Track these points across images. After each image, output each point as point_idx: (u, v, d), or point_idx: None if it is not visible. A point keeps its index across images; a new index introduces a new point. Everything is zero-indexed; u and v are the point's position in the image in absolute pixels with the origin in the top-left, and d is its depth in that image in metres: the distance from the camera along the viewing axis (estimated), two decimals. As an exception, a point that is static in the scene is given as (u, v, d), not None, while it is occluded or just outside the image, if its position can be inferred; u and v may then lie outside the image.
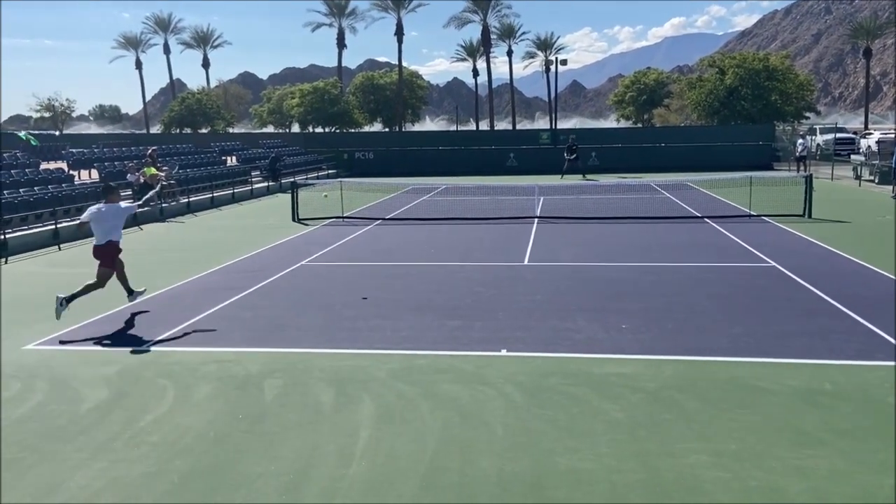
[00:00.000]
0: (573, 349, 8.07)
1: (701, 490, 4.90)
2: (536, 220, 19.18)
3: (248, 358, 8.02)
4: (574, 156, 33.79)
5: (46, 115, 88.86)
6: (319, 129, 64.05)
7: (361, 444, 5.76)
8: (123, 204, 10.27)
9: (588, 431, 5.89)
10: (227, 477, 5.26)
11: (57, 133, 68.97)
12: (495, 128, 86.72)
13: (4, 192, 17.97)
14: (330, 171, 38.21)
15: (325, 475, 5.25)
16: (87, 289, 9.70)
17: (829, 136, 41.50)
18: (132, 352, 8.29)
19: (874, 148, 37.31)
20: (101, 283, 9.79)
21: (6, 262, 14.81)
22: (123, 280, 10.12)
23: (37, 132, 52.01)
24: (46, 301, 11.06)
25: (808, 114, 55.13)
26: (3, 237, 15.63)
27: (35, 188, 19.23)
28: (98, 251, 9.78)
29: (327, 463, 5.44)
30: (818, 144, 41.48)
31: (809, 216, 18.37)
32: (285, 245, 16.16)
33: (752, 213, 19.08)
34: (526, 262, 13.52)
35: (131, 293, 10.21)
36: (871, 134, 45.09)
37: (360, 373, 7.45)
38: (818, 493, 4.84)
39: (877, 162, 29.04)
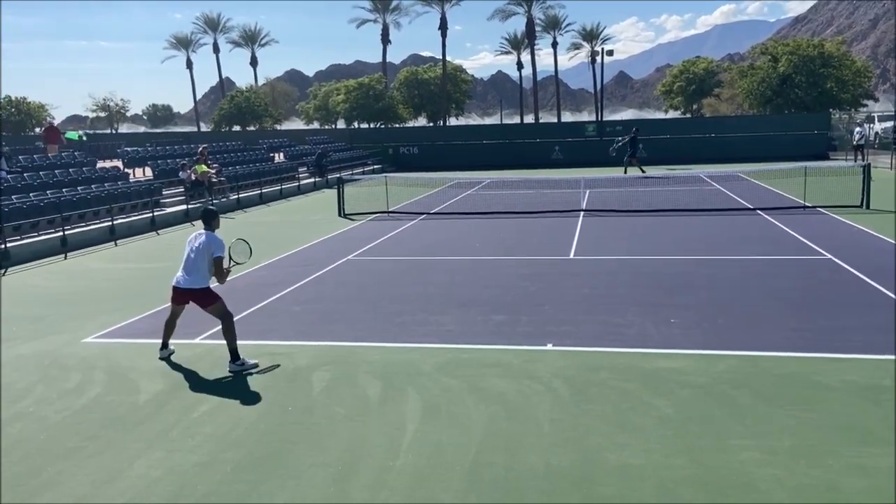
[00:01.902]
0: (622, 343, 7.97)
1: (753, 487, 4.79)
2: (582, 213, 18.98)
3: (297, 351, 8.15)
4: (629, 147, 29.70)
5: (102, 114, 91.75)
6: (365, 125, 64.55)
7: (408, 437, 5.80)
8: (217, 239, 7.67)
9: (637, 427, 5.81)
10: (277, 468, 5.35)
11: (112, 131, 71.10)
12: (540, 120, 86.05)
13: (63, 189, 18.64)
14: (375, 167, 38.50)
15: (373, 467, 5.30)
16: (230, 334, 7.53)
17: (889, 124, 39.96)
18: (185, 345, 8.50)
19: (936, 135, 35.83)
20: (227, 315, 7.60)
21: (66, 258, 15.38)
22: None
23: (92, 132, 53.68)
24: (106, 295, 11.46)
25: (865, 101, 53.29)
26: (63, 233, 16.25)
27: (92, 186, 19.86)
28: (187, 295, 7.66)
29: (374, 455, 5.49)
30: (876, 133, 40.04)
31: (867, 207, 17.76)
32: (332, 240, 16.35)
33: (808, 204, 18.53)
34: (572, 255, 13.39)
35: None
36: (932, 121, 43.32)
37: (406, 366, 7.50)
38: (878, 492, 4.68)
39: (940, 150, 27.90)
